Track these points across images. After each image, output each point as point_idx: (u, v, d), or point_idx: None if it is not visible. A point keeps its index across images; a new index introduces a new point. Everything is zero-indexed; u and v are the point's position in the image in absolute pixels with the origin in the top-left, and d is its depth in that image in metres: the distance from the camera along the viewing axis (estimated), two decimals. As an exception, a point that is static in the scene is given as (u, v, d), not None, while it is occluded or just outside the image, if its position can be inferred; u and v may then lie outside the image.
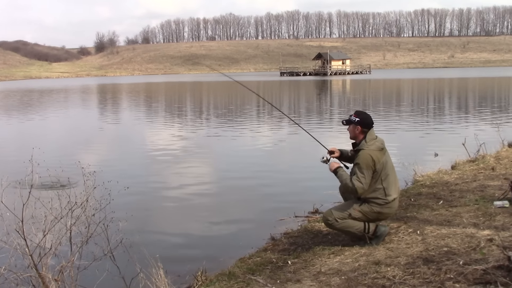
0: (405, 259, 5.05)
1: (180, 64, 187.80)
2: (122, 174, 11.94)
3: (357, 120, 5.86)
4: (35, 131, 23.11)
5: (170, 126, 23.71)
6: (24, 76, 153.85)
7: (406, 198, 7.96)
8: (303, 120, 24.28)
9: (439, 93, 45.37)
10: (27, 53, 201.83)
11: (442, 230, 5.89)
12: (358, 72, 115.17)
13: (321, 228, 6.90)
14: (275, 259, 5.90)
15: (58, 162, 11.86)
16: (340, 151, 6.21)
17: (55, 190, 5.21)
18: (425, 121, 22.99)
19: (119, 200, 9.30)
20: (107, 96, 52.98)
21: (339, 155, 6.18)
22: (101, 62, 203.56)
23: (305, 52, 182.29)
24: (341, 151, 6.21)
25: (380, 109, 28.53)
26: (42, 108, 36.50)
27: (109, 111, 34.01)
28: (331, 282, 4.70)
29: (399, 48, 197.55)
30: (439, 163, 10.94)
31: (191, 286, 5.31)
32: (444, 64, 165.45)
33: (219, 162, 14.14)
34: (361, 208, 5.77)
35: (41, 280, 4.23)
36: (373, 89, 55.50)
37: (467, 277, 4.31)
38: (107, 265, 4.79)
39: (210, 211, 9.26)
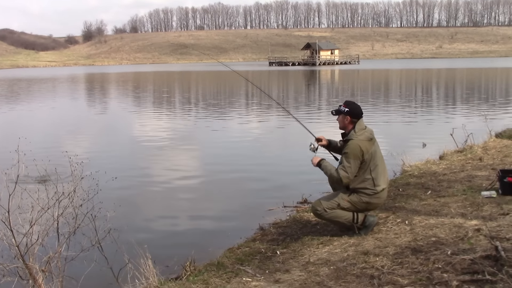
0: (394, 249, 5.07)
1: (169, 53, 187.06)
2: (110, 164, 11.87)
3: (346, 110, 5.85)
4: (22, 121, 22.91)
5: (158, 116, 23.61)
6: (11, 65, 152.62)
7: (395, 188, 7.98)
8: (292, 110, 24.28)
9: (427, 83, 45.51)
10: (14, 42, 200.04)
11: (430, 220, 5.92)
12: (347, 62, 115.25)
13: (310, 218, 6.90)
14: (264, 249, 5.89)
15: (45, 152, 11.77)
16: (328, 140, 6.20)
17: (42, 180, 5.16)
18: (413, 111, 23.06)
19: (107, 191, 9.26)
20: (95, 86, 52.64)
21: (326, 143, 6.17)
22: (88, 51, 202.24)
23: (294, 42, 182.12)
24: (329, 141, 6.20)
25: (368, 100, 28.56)
26: (29, 98, 36.19)
27: (97, 101, 33.81)
28: (320, 272, 4.70)
29: (388, 38, 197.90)
30: (427, 153, 10.98)
31: (179, 276, 5.29)
32: (432, 55, 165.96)
33: (207, 152, 14.10)
34: (350, 198, 5.78)
35: (28, 271, 4.20)
36: (362, 79, 55.59)
37: (455, 267, 4.33)
38: (95, 255, 4.76)
39: (198, 202, 9.23)
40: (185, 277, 5.16)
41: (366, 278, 4.42)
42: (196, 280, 4.91)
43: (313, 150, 6.12)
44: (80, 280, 4.74)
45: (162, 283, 4.79)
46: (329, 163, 5.89)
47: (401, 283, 4.20)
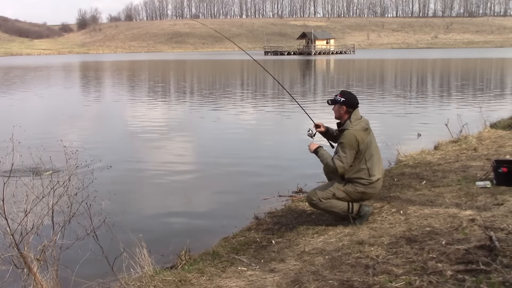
0: (388, 239, 5.08)
1: (164, 42, 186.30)
2: (105, 153, 11.84)
3: (342, 100, 5.84)
4: (16, 109, 22.81)
5: (153, 104, 23.55)
6: (4, 52, 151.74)
7: (389, 178, 7.99)
8: (287, 99, 24.25)
9: (423, 73, 45.51)
10: (8, 29, 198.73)
11: (425, 210, 5.93)
12: (342, 52, 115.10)
13: (305, 207, 6.91)
14: (259, 239, 5.90)
15: (40, 140, 11.75)
16: (327, 128, 6.20)
17: (37, 169, 5.14)
18: (408, 101, 23.08)
19: (102, 179, 9.25)
20: (90, 74, 52.41)
21: (325, 130, 6.17)
22: (83, 39, 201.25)
23: (290, 31, 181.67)
24: (327, 128, 6.21)
25: (363, 89, 28.56)
26: (24, 86, 36.02)
27: (92, 89, 33.67)
28: (315, 262, 4.71)
29: (383, 28, 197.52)
30: (422, 144, 11.01)
31: (175, 265, 5.30)
32: (427, 45, 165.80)
33: (202, 141, 14.09)
34: (345, 188, 5.79)
35: (23, 260, 4.19)
36: (357, 69, 55.54)
37: (449, 257, 4.35)
38: (90, 244, 4.75)
39: (193, 191, 9.23)
40: (180, 266, 5.17)
41: (361, 267, 4.43)
42: (191, 269, 4.92)
43: (310, 136, 6.12)
44: (75, 268, 4.74)
45: (157, 272, 4.79)
46: (326, 151, 5.89)
47: (396, 272, 4.21)
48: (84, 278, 4.70)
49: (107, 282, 4.74)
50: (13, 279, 4.57)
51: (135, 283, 4.53)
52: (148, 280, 4.59)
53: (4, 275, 4.49)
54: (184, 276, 4.69)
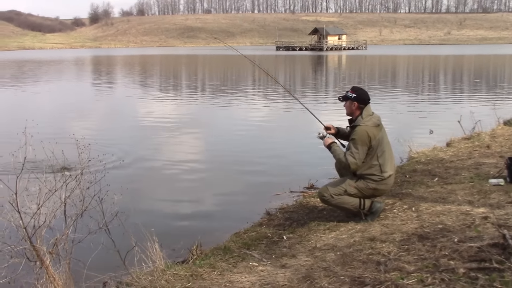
0: (400, 235, 5.06)
1: (176, 37, 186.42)
2: (117, 147, 11.88)
3: (353, 96, 5.82)
4: (29, 102, 22.96)
5: (165, 99, 23.59)
6: (17, 46, 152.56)
7: (401, 174, 7.95)
8: (298, 95, 24.21)
9: (435, 70, 45.25)
10: (21, 23, 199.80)
11: (437, 207, 5.90)
12: (354, 47, 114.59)
13: (317, 203, 6.90)
14: (270, 234, 5.90)
15: (52, 134, 11.80)
16: (337, 128, 6.18)
17: (49, 162, 5.16)
18: (420, 98, 22.96)
19: (114, 173, 9.33)
20: (102, 69, 52.59)
21: (335, 131, 6.15)
22: (95, 33, 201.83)
23: (301, 27, 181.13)
24: (338, 128, 6.18)
25: (375, 85, 28.44)
26: (37, 80, 36.21)
27: (104, 84, 33.79)
28: (326, 258, 4.70)
29: (396, 24, 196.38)
30: (434, 140, 10.95)
31: (186, 260, 5.31)
32: (440, 41, 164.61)
33: (214, 136, 14.09)
34: (357, 185, 5.77)
35: (36, 253, 4.21)
36: (369, 65, 55.31)
37: (462, 255, 4.32)
38: (102, 238, 4.76)
39: (205, 185, 9.24)
40: (192, 260, 5.18)
41: (373, 264, 4.42)
42: (202, 264, 4.92)
43: (321, 138, 6.11)
44: (87, 262, 4.75)
45: (169, 267, 4.80)
46: (339, 147, 5.88)
47: (408, 269, 4.20)
48: (96, 271, 4.71)
49: (118, 276, 4.75)
50: (26, 272, 4.60)
51: (147, 277, 4.54)
52: (160, 275, 4.60)
53: (17, 268, 4.51)
54: (196, 270, 4.69)
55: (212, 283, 4.38)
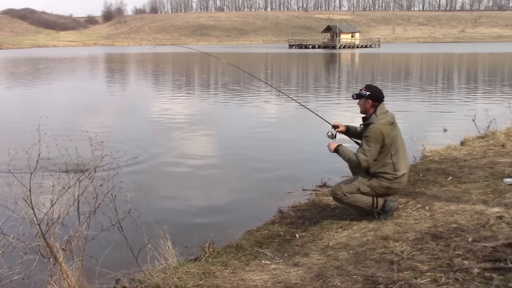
0: (414, 234, 5.03)
1: (188, 34, 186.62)
2: (130, 144, 11.93)
3: (367, 94, 5.79)
4: (43, 99, 23.12)
5: (177, 97, 23.65)
6: (31, 44, 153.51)
7: (415, 173, 7.91)
8: (311, 94, 24.19)
9: (449, 68, 44.95)
10: (35, 21, 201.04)
11: (451, 206, 5.85)
12: (367, 45, 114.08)
13: (329, 202, 6.88)
14: (283, 232, 5.90)
15: (66, 131, 11.86)
16: (347, 126, 6.15)
17: (63, 159, 5.18)
18: (434, 96, 22.82)
19: (127, 170, 9.37)
20: (115, 66, 52.80)
21: (344, 129, 6.13)
22: (108, 31, 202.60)
23: (314, 25, 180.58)
24: (347, 126, 6.16)
25: (388, 83, 28.31)
26: (51, 77, 36.45)
27: (117, 81, 33.94)
28: (339, 256, 4.68)
29: (409, 22, 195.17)
30: (448, 139, 10.87)
31: (198, 258, 5.32)
32: (454, 39, 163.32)
33: (226, 133, 14.10)
34: (370, 183, 5.74)
35: (49, 249, 4.23)
36: (382, 63, 55.07)
37: (476, 254, 4.28)
38: (115, 235, 4.78)
39: (217, 183, 9.25)
40: (204, 258, 5.18)
41: (386, 263, 4.40)
42: (215, 261, 4.93)
43: (331, 137, 6.08)
44: (100, 259, 4.77)
45: (181, 264, 4.81)
46: (346, 148, 5.85)
47: (421, 269, 4.17)
48: (108, 268, 4.73)
49: (131, 273, 4.76)
50: (40, 268, 4.63)
51: (159, 274, 4.55)
52: (172, 272, 4.61)
53: (31, 264, 4.54)
54: (208, 268, 4.70)
55: (225, 281, 4.38)
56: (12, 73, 42.02)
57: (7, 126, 15.47)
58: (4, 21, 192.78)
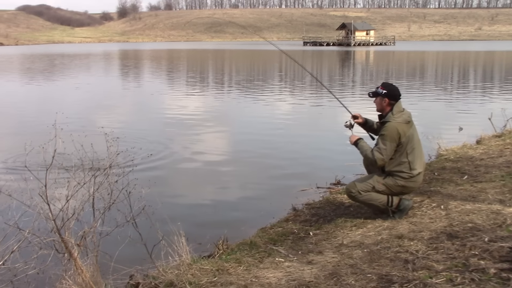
0: (429, 233, 4.99)
1: (203, 31, 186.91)
2: (145, 141, 11.97)
3: (384, 92, 5.75)
4: (59, 95, 23.26)
5: (192, 93, 23.69)
6: (47, 40, 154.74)
7: (430, 172, 7.85)
8: (325, 90, 24.05)
9: (465, 66, 44.60)
10: (50, 18, 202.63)
11: (467, 205, 5.80)
12: (382, 43, 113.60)
13: (343, 200, 6.85)
14: (297, 230, 5.88)
15: (81, 127, 11.95)
16: (365, 119, 6.12)
17: (78, 155, 5.21)
18: (449, 94, 22.66)
19: (142, 167, 9.41)
20: (130, 62, 53.01)
21: (363, 121, 6.09)
22: (123, 28, 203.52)
23: (329, 22, 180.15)
24: (366, 119, 6.12)
25: (403, 81, 28.15)
26: (66, 73, 36.66)
27: (132, 77, 34.06)
28: (353, 255, 4.66)
29: (425, 19, 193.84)
30: (464, 137, 10.80)
31: (212, 254, 5.32)
32: (470, 37, 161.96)
33: (240, 130, 14.10)
34: (385, 181, 5.71)
35: (64, 245, 4.25)
36: (397, 61, 54.76)
37: (492, 254, 4.24)
38: (129, 231, 4.79)
39: (231, 180, 9.25)
40: (218, 255, 5.18)
41: (400, 262, 4.37)
42: (228, 258, 4.93)
43: (348, 127, 6.05)
44: (115, 255, 4.79)
45: (195, 261, 4.81)
46: (366, 143, 5.82)
47: (436, 268, 4.13)
48: (122, 264, 4.75)
49: (145, 269, 4.78)
50: (55, 263, 4.66)
51: (173, 271, 4.55)
52: (186, 268, 4.61)
53: (46, 259, 4.57)
54: (222, 265, 4.70)
55: (238, 278, 4.38)
56: (29, 69, 42.38)
57: (24, 120, 15.62)
58: (20, 17, 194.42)
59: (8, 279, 4.98)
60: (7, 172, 8.90)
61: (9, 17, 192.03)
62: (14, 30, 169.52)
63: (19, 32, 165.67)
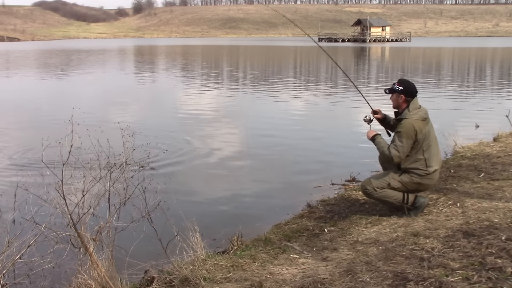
0: (445, 231, 4.95)
1: (218, 27, 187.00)
2: (161, 136, 12.00)
3: (400, 89, 5.71)
4: (75, 90, 23.39)
5: (207, 89, 23.71)
6: (63, 36, 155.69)
7: (446, 169, 7.80)
8: (341, 87, 24.02)
9: (482, 63, 44.18)
10: (66, 13, 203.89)
11: (483, 203, 5.75)
12: (398, 39, 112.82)
13: (358, 196, 6.83)
14: (312, 227, 5.87)
15: (98, 122, 12.02)
16: (384, 114, 6.08)
17: (94, 150, 5.23)
18: (466, 91, 22.48)
19: (158, 163, 9.43)
20: (145, 58, 53.19)
21: (382, 117, 6.05)
22: (138, 23, 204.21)
23: (344, 18, 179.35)
24: (385, 115, 6.09)
25: (419, 78, 27.95)
26: (83, 68, 36.87)
27: (147, 73, 34.16)
28: (368, 252, 4.64)
29: (441, 15, 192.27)
30: (481, 135, 10.72)
31: (227, 250, 5.32)
32: (488, 33, 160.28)
33: (255, 126, 14.07)
34: (401, 178, 5.67)
35: (80, 239, 4.27)
36: (413, 57, 54.40)
37: (509, 253, 4.20)
38: (145, 227, 4.81)
39: (246, 177, 9.25)
40: (232, 251, 5.19)
41: (416, 260, 4.34)
42: (243, 254, 4.93)
43: (367, 122, 6.03)
44: (130, 250, 4.81)
45: (209, 256, 4.82)
46: (383, 139, 5.79)
47: (452, 266, 4.10)
48: (137, 259, 4.77)
49: (160, 264, 4.80)
50: (70, 258, 4.70)
51: (188, 266, 4.56)
52: (201, 264, 4.62)
53: (62, 254, 4.62)
54: (236, 261, 4.70)
55: (253, 274, 4.38)
56: (46, 64, 42.68)
57: (42, 115, 15.77)
58: (36, 13, 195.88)
59: (24, 273, 5.04)
60: (24, 167, 8.97)
61: (26, 12, 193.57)
62: (30, 25, 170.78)
63: (35, 28, 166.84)
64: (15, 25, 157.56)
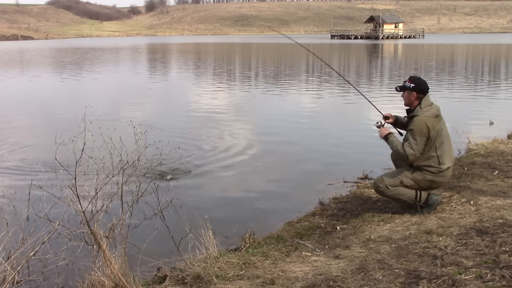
0: (458, 229, 4.93)
1: (230, 25, 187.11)
2: (173, 134, 12.03)
3: (412, 86, 5.68)
4: (88, 89, 23.52)
5: (219, 86, 23.73)
6: (76, 34, 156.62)
7: (459, 167, 7.74)
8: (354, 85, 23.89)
9: (496, 59, 43.82)
10: (79, 12, 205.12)
11: (497, 201, 5.72)
12: (411, 36, 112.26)
13: (371, 194, 6.81)
14: (324, 224, 5.86)
15: (111, 120, 12.06)
16: (396, 117, 6.05)
17: (107, 148, 5.26)
18: (480, 88, 22.31)
19: (170, 160, 9.44)
20: (158, 56, 53.35)
21: (394, 121, 6.02)
22: (151, 21, 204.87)
23: (357, 15, 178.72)
24: (396, 117, 6.05)
25: (432, 75, 27.80)
26: (97, 67, 37.05)
27: (160, 71, 34.27)
28: (381, 250, 4.63)
29: (455, 12, 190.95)
30: (495, 132, 10.64)
31: (239, 248, 5.33)
32: (502, 30, 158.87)
33: (267, 123, 14.07)
34: (413, 176, 5.65)
35: (93, 237, 4.30)
36: (426, 54, 54.07)
37: (523, 251, 4.18)
38: (157, 224, 4.84)
39: (257, 175, 9.24)
40: (245, 249, 5.20)
41: (429, 257, 4.32)
42: (255, 252, 4.94)
43: (379, 127, 6.00)
44: (142, 247, 4.83)
45: (222, 254, 4.83)
46: (396, 138, 5.75)
47: (465, 264, 4.09)
48: (150, 256, 4.79)
49: (172, 261, 4.82)
50: (84, 255, 4.74)
51: (200, 263, 4.58)
52: (213, 261, 4.63)
53: (75, 251, 4.65)
54: (248, 259, 4.71)
55: (265, 272, 4.38)
56: (61, 62, 42.96)
57: (55, 113, 15.88)
58: (50, 11, 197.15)
59: (38, 270, 5.08)
60: (38, 165, 9.03)
61: (39, 11, 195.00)
62: (44, 24, 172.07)
63: (48, 26, 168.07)
64: (29, 24, 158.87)
